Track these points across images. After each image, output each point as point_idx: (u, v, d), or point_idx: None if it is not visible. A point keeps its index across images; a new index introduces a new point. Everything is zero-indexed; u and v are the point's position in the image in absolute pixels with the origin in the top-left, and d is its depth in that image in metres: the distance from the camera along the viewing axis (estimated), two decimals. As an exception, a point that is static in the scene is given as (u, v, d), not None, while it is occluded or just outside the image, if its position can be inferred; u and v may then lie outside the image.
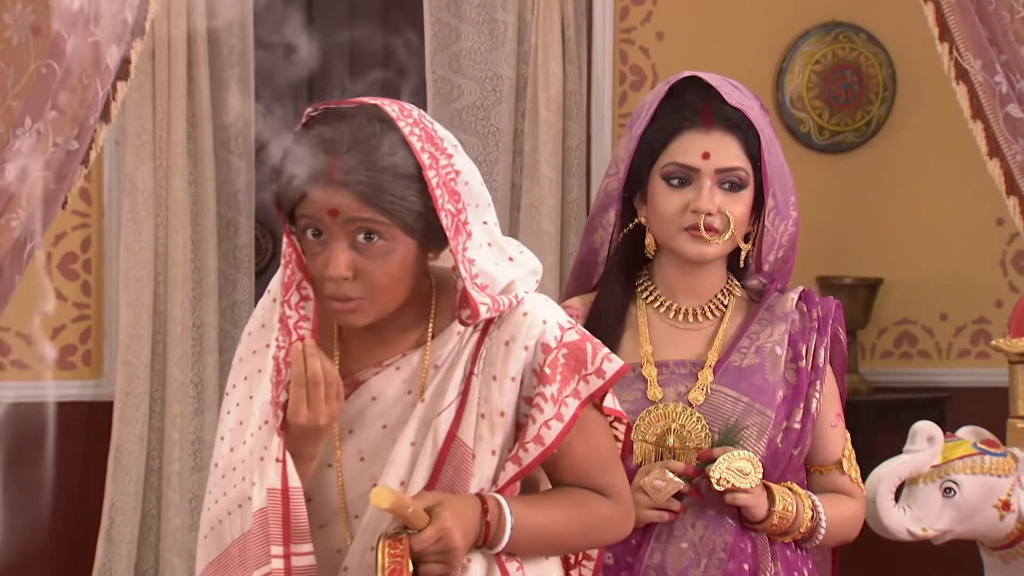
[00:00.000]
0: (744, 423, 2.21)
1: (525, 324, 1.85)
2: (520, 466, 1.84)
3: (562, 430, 1.84)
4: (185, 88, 4.39)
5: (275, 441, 1.83)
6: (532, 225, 4.57)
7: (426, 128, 1.81)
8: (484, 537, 1.83)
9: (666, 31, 4.71)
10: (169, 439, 4.41)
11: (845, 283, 4.63)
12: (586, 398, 1.86)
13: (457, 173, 1.82)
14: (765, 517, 2.20)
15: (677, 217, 2.23)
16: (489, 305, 1.82)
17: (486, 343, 1.86)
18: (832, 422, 2.32)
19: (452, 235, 1.80)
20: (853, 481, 2.34)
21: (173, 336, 4.41)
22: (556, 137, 4.55)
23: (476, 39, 4.61)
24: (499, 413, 1.84)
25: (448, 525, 1.77)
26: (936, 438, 2.83)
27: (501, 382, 1.84)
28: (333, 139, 1.76)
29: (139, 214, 4.39)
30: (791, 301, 2.31)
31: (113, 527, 4.38)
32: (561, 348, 1.85)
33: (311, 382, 1.79)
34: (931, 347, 4.82)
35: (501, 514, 1.83)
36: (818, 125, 4.77)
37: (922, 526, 2.82)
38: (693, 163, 2.22)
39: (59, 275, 4.44)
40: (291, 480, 1.81)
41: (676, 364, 2.26)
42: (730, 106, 2.23)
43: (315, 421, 1.79)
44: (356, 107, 1.80)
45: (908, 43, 4.70)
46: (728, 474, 2.15)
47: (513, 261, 1.90)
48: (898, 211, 4.78)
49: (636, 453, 2.22)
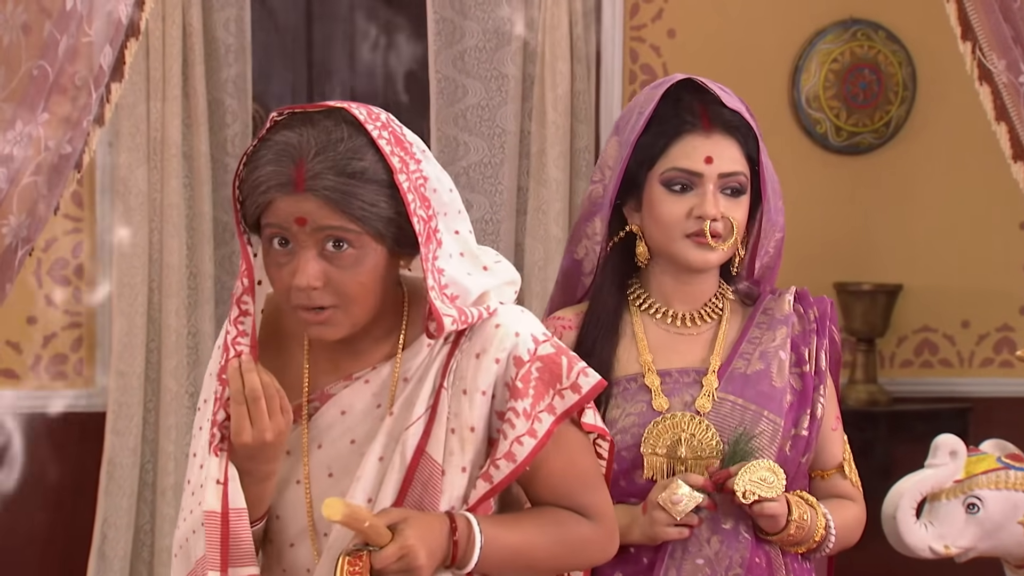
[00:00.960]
0: (753, 431, 2.21)
1: (497, 336, 1.84)
2: (491, 483, 1.83)
3: (535, 446, 1.82)
4: (180, 88, 4.39)
5: (214, 462, 1.82)
6: (539, 229, 4.57)
7: (395, 132, 1.81)
8: (452, 556, 1.81)
9: (678, 28, 4.71)
10: (164, 451, 4.41)
11: (863, 290, 4.63)
12: (561, 413, 1.84)
13: (426, 179, 1.81)
14: (783, 527, 2.20)
15: (680, 224, 2.24)
16: (455, 317, 1.81)
17: (456, 355, 1.85)
18: (833, 425, 2.34)
19: (423, 242, 1.79)
20: (854, 485, 2.36)
21: (168, 345, 4.41)
22: (564, 139, 4.55)
23: (481, 37, 4.62)
24: (469, 428, 1.83)
25: (411, 543, 1.76)
26: (959, 452, 2.83)
27: (471, 396, 1.84)
28: (299, 144, 1.75)
29: (133, 218, 4.38)
30: (788, 303, 2.33)
31: (106, 543, 4.37)
32: (535, 361, 1.84)
33: (250, 398, 1.78)
34: (953, 356, 4.81)
35: (471, 533, 1.82)
36: (835, 126, 4.76)
37: (944, 543, 2.82)
38: (696, 168, 2.23)
39: (49, 281, 4.44)
40: (232, 502, 1.80)
41: (680, 372, 2.27)
42: (728, 108, 2.24)
43: (260, 438, 1.78)
44: (323, 111, 1.80)
45: (929, 41, 4.69)
46: (752, 485, 2.16)
47: (487, 271, 1.89)
48: (918, 215, 4.78)
49: (646, 467, 2.22)
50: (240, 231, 1.85)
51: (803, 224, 4.50)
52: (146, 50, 4.35)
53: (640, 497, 2.23)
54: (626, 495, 2.23)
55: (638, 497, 2.23)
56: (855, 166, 4.80)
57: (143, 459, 4.44)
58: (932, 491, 2.83)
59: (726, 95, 2.26)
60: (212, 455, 1.82)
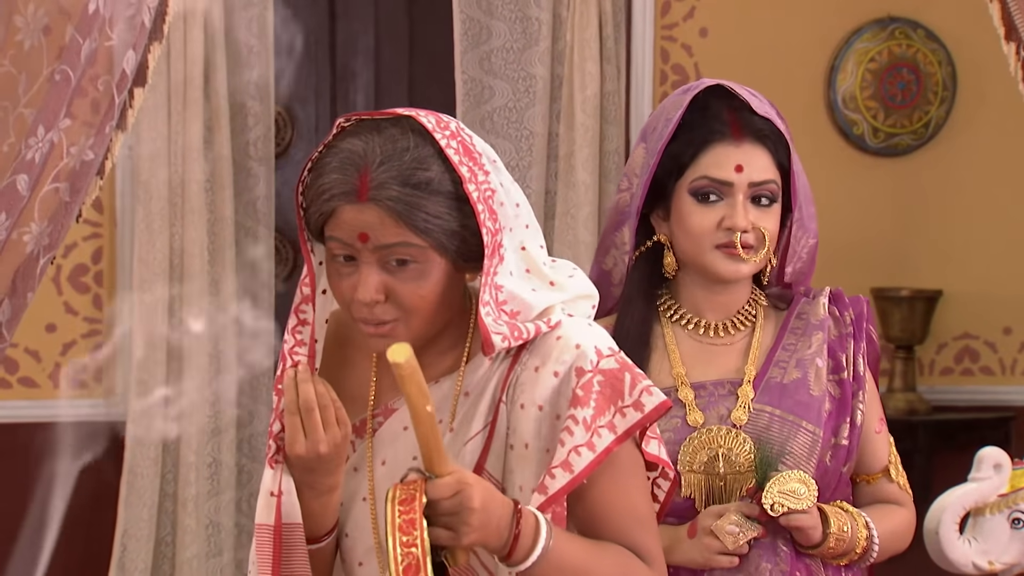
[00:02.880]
0: (788, 445, 2.21)
1: (556, 348, 1.82)
2: (546, 495, 1.77)
3: (593, 460, 1.77)
4: (202, 91, 4.40)
5: (269, 474, 1.82)
6: (568, 234, 4.57)
7: (464, 141, 1.80)
8: (511, 547, 1.73)
9: (710, 28, 4.70)
10: (185, 461, 4.42)
11: (902, 295, 4.62)
12: (622, 433, 1.79)
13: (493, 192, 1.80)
14: (821, 540, 2.20)
15: (710, 235, 2.23)
16: (505, 334, 1.78)
17: (516, 369, 1.83)
18: (876, 428, 2.33)
19: (488, 255, 1.78)
20: (902, 488, 2.34)
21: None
22: (593, 141, 4.55)
23: (508, 37, 4.62)
24: (523, 444, 1.80)
25: (471, 482, 1.70)
26: (1003, 465, 2.81)
27: (528, 410, 1.81)
28: (364, 152, 1.75)
29: (153, 223, 4.40)
30: (823, 307, 2.31)
31: (125, 555, 4.39)
32: (596, 374, 1.80)
33: (304, 409, 1.77)
34: (994, 363, 4.79)
35: (537, 531, 1.74)
36: (872, 127, 4.75)
37: (989, 559, 2.81)
38: (726, 177, 2.22)
39: (69, 288, 4.46)
40: (286, 515, 1.80)
41: (714, 385, 2.26)
42: (758, 116, 2.23)
43: (314, 450, 1.77)
44: (390, 118, 1.79)
45: (969, 39, 4.68)
46: (781, 497, 2.15)
47: (555, 286, 1.86)
48: (958, 218, 4.76)
49: (683, 484, 2.22)
50: (303, 238, 1.84)
51: (839, 228, 4.49)
52: (167, 52, 4.36)
53: (679, 517, 2.22)
54: (665, 514, 2.23)
55: (676, 517, 2.22)
56: (893, 168, 4.78)
57: (164, 469, 4.45)
58: (975, 506, 2.82)
59: (756, 101, 2.24)
60: (267, 467, 1.82)
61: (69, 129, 2.62)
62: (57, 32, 2.62)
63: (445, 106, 4.72)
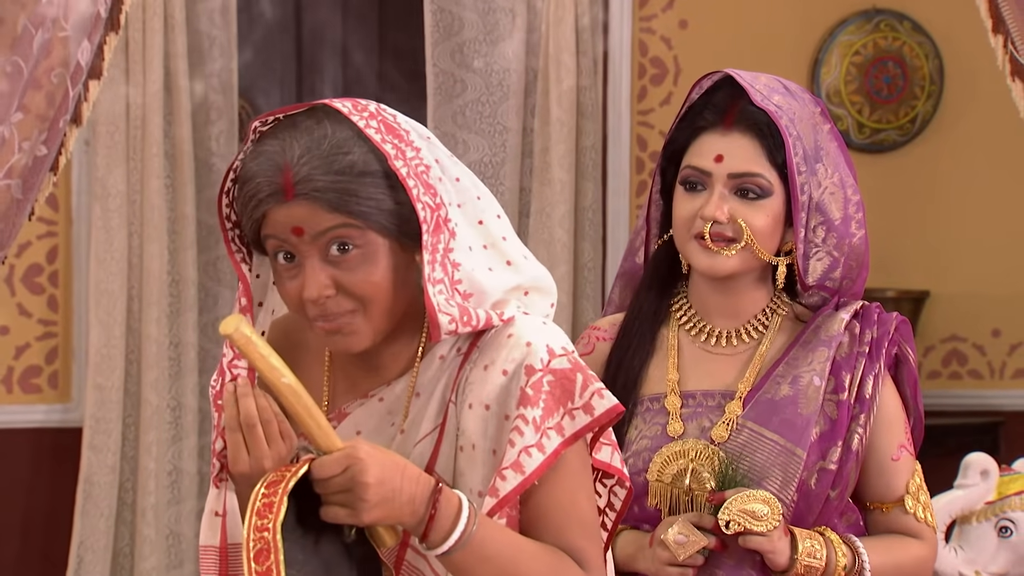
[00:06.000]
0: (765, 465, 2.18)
1: (507, 347, 1.81)
2: (497, 497, 1.76)
3: (543, 462, 1.77)
4: (162, 83, 4.40)
5: (213, 493, 1.82)
6: (543, 232, 4.58)
7: (385, 120, 1.80)
8: (426, 527, 1.72)
9: (690, 19, 4.71)
10: (144, 469, 4.41)
11: (887, 296, 4.63)
12: (570, 436, 1.79)
13: (427, 167, 1.80)
14: (789, 565, 2.18)
15: (687, 224, 2.23)
16: (453, 316, 1.77)
17: (466, 368, 1.83)
18: (894, 455, 2.27)
19: (431, 231, 1.77)
20: (920, 520, 2.29)
21: (148, 356, 4.41)
22: (569, 136, 4.56)
23: (481, 29, 4.62)
24: (471, 445, 1.80)
25: (361, 456, 1.68)
26: (991, 472, 2.83)
27: (475, 410, 1.80)
28: (283, 149, 1.75)
29: (111, 221, 4.39)
30: (841, 322, 2.26)
31: (82, 566, 4.38)
32: (547, 373, 1.79)
33: (246, 425, 1.74)
34: (983, 367, 4.81)
35: (458, 514, 1.73)
36: (857, 122, 4.77)
37: (975, 568, 2.82)
38: (705, 166, 2.22)
39: (23, 289, 4.45)
40: (232, 536, 1.80)
41: (704, 395, 2.25)
42: (756, 107, 2.21)
43: (259, 467, 1.74)
44: (304, 111, 1.79)
45: (957, 32, 4.70)
46: (739, 516, 2.13)
47: (511, 266, 1.85)
48: (945, 217, 4.78)
49: (650, 494, 2.21)
50: (231, 250, 1.84)
51: (823, 227, 4.50)
52: (125, 42, 4.35)
53: (652, 524, 2.22)
54: (639, 520, 2.23)
55: (650, 523, 2.22)
56: (879, 165, 4.80)
57: (122, 477, 4.44)
58: (962, 513, 2.83)
59: (760, 93, 2.22)
60: (212, 486, 1.82)
61: (21, 123, 2.61)
62: (9, 22, 2.61)
63: (415, 100, 4.72)
